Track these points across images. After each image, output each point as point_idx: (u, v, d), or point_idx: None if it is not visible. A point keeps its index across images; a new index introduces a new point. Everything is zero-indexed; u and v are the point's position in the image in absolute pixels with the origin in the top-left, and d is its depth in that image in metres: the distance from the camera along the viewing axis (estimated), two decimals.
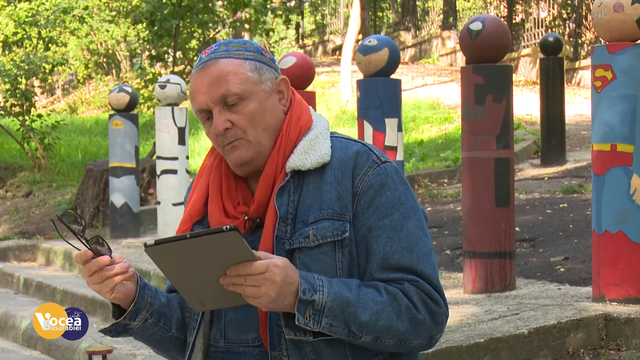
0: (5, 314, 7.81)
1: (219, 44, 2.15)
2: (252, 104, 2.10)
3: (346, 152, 2.11)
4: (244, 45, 2.15)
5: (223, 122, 2.09)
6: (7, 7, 18.27)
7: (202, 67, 2.12)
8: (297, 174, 2.10)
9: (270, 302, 1.93)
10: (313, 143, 2.12)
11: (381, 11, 26.33)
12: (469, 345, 4.65)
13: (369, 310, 2.00)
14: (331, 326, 1.98)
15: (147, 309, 2.14)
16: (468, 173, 6.00)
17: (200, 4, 13.62)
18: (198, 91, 2.11)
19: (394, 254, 2.05)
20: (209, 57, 2.12)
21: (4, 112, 13.21)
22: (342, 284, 2.01)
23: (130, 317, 2.13)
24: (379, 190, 2.08)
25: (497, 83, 5.91)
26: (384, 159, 2.11)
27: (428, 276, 2.06)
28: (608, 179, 5.28)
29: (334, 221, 2.06)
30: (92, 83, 25.20)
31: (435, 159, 12.10)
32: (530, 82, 17.10)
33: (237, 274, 1.91)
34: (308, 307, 1.96)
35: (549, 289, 5.94)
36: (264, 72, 2.13)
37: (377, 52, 6.52)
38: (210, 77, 2.09)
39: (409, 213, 2.09)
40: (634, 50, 5.26)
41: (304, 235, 2.05)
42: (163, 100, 9.09)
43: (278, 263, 1.94)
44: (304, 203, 2.08)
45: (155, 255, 1.89)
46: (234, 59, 2.11)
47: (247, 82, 2.10)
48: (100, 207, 10.93)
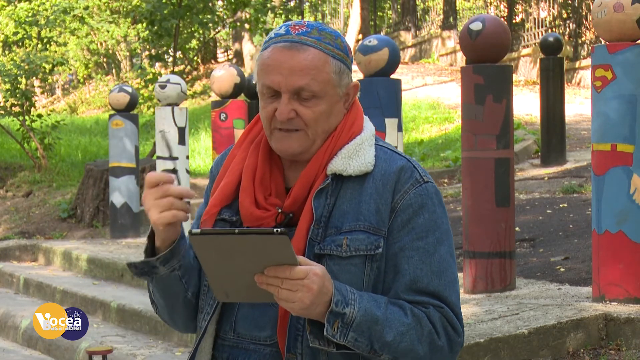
0: (6, 314, 7.80)
1: (312, 26, 2.07)
2: (323, 105, 2.06)
3: (390, 165, 2.09)
4: (335, 40, 2.08)
5: (289, 112, 2.05)
6: (7, 7, 18.27)
7: (290, 46, 2.04)
8: (337, 177, 2.08)
9: (303, 308, 1.92)
10: (358, 149, 2.09)
11: (381, 11, 26.33)
12: (469, 345, 4.65)
13: (394, 330, 1.99)
14: (356, 341, 1.97)
15: (178, 259, 2.09)
16: (468, 173, 6.00)
17: (200, 4, 13.63)
18: (276, 69, 2.04)
19: (423, 278, 2.05)
20: (300, 38, 2.05)
21: (4, 112, 13.21)
22: (372, 300, 2.00)
23: (162, 260, 2.07)
24: (417, 210, 2.07)
25: (497, 83, 5.91)
26: (426, 179, 2.10)
27: (452, 304, 2.07)
28: (608, 178, 5.28)
29: (370, 235, 2.04)
30: (92, 83, 25.21)
31: (435, 159, 12.10)
32: (530, 82, 17.09)
33: (276, 275, 1.89)
34: (338, 320, 1.95)
35: (549, 289, 5.94)
36: (345, 76, 2.09)
37: (377, 52, 6.51)
38: (295, 62, 2.03)
39: (443, 238, 2.10)
40: (634, 50, 5.26)
41: (336, 243, 2.04)
42: (163, 100, 9.09)
43: (318, 272, 1.92)
44: (340, 209, 2.06)
45: (197, 243, 1.88)
46: (323, 52, 2.05)
47: (328, 83, 2.06)
48: (100, 207, 10.93)
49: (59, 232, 10.92)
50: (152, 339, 6.66)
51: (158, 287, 2.15)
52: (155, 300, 2.21)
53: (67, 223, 11.15)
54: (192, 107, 18.91)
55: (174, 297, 2.16)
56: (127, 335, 6.86)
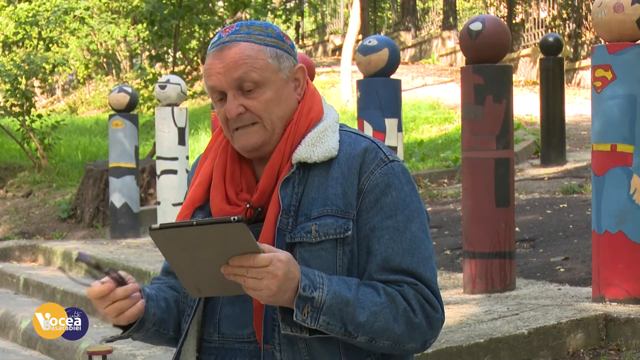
0: (6, 314, 7.81)
1: (241, 24, 2.10)
2: (268, 91, 2.06)
3: (354, 147, 2.08)
4: (265, 30, 2.09)
5: (237, 107, 2.06)
6: (7, 7, 18.27)
7: (222, 47, 2.07)
8: (303, 166, 2.07)
9: (270, 295, 1.92)
10: (321, 135, 2.08)
11: (381, 11, 26.32)
12: (469, 346, 4.65)
13: (367, 311, 1.98)
14: (328, 324, 1.97)
15: (150, 320, 2.13)
16: (468, 173, 6.00)
17: (200, 4, 13.63)
18: (214, 70, 2.06)
19: (395, 256, 2.04)
20: (230, 37, 2.07)
21: (4, 112, 13.21)
22: (342, 283, 1.99)
23: (134, 329, 2.11)
24: (384, 190, 2.05)
25: (497, 83, 5.91)
26: (392, 158, 2.09)
27: (427, 280, 2.05)
28: (608, 179, 5.28)
29: (338, 218, 2.04)
30: (92, 83, 25.20)
31: (435, 159, 12.10)
32: (530, 82, 17.09)
33: (240, 264, 1.89)
34: (307, 304, 1.95)
35: (549, 289, 5.94)
36: (284, 60, 2.09)
37: (377, 52, 6.52)
38: (229, 59, 2.05)
39: (413, 215, 2.07)
40: (634, 50, 5.26)
41: (306, 230, 2.03)
42: (163, 100, 9.10)
43: (281, 257, 1.92)
44: (308, 196, 2.06)
45: (158, 238, 1.89)
46: (254, 43, 2.06)
47: (266, 69, 2.06)
48: (100, 207, 10.93)
49: (58, 232, 10.92)
50: None
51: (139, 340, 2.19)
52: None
53: (67, 223, 11.15)
54: (192, 107, 18.90)
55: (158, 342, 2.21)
56: None
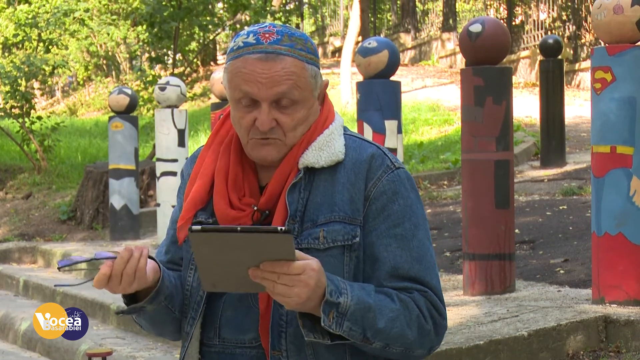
0: (5, 316, 7.80)
1: (282, 33, 2.04)
2: (302, 110, 2.05)
3: (360, 153, 2.08)
4: (305, 44, 2.06)
5: (270, 121, 2.03)
6: (7, 9, 18.28)
7: (267, 56, 2.02)
8: (310, 170, 2.07)
9: (299, 303, 1.91)
10: (328, 140, 2.08)
11: (381, 13, 26.34)
12: (468, 347, 4.65)
13: (385, 317, 1.99)
14: (350, 330, 1.96)
15: (164, 292, 2.09)
16: (468, 175, 6.00)
17: (200, 6, 13.64)
18: (255, 78, 2.02)
19: (404, 264, 2.05)
20: (274, 47, 2.03)
21: (3, 113, 13.21)
22: (361, 289, 2.00)
23: (150, 299, 2.07)
24: (391, 197, 2.06)
25: (496, 85, 5.91)
26: (397, 165, 2.09)
27: (434, 287, 2.07)
28: (608, 180, 5.28)
29: (346, 225, 2.04)
30: (92, 85, 25.21)
31: (435, 160, 12.10)
32: (530, 84, 17.10)
33: (272, 270, 1.87)
34: (333, 309, 1.94)
35: (549, 291, 5.94)
36: (319, 78, 2.09)
37: (376, 54, 6.52)
38: (274, 72, 2.01)
39: (419, 222, 2.09)
40: (634, 52, 5.26)
41: (313, 236, 2.03)
42: (163, 102, 9.10)
43: (314, 266, 1.91)
44: (314, 202, 2.06)
45: (196, 240, 1.86)
46: (298, 60, 2.04)
47: (306, 88, 2.05)
48: (100, 209, 10.93)
49: (58, 234, 10.91)
50: (151, 341, 6.66)
51: (145, 318, 2.14)
52: (142, 325, 2.21)
53: (67, 225, 11.15)
54: (192, 109, 18.91)
55: (162, 321, 2.16)
56: (127, 337, 6.86)
